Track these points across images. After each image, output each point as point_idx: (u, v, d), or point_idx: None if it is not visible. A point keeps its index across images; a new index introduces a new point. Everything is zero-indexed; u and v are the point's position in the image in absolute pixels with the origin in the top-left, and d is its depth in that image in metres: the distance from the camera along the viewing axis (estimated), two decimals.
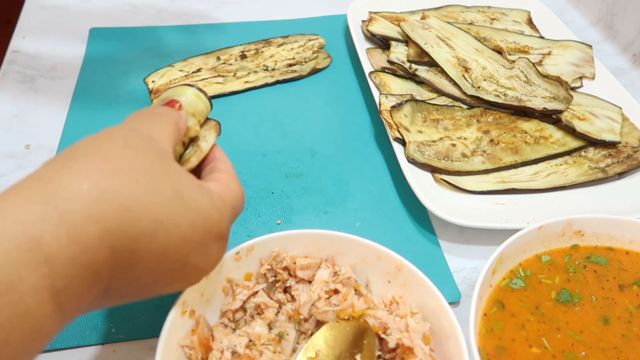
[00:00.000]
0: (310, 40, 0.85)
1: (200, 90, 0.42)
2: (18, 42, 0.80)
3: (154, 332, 0.48)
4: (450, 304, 0.52)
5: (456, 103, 0.72)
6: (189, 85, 0.43)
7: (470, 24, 0.87)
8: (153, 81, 0.75)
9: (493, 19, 0.89)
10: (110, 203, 0.30)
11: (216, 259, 0.37)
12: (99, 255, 0.29)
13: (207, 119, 0.44)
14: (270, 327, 0.44)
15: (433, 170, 0.63)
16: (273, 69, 0.79)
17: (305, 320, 0.44)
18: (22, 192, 0.29)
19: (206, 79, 0.76)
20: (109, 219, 0.30)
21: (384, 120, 0.67)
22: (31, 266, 0.27)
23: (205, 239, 0.35)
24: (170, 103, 0.41)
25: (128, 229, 0.30)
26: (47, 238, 0.27)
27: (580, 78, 0.78)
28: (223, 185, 0.38)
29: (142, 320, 0.49)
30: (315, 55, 0.82)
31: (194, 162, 0.40)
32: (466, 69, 0.74)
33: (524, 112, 0.70)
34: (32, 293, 0.27)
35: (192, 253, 0.34)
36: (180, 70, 0.77)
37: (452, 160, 0.64)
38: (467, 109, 0.71)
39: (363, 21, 0.86)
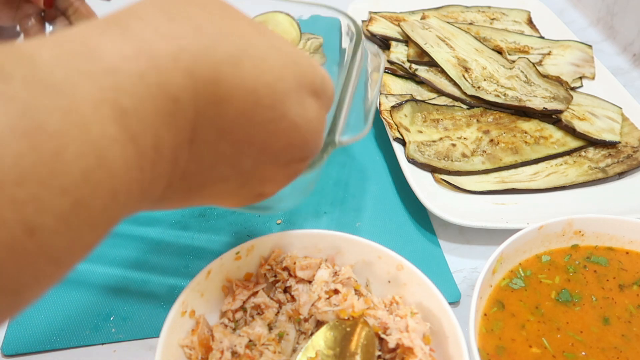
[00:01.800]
0: (309, 39, 0.84)
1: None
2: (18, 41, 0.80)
3: (154, 332, 0.48)
4: (450, 304, 0.52)
5: (456, 103, 0.72)
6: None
7: (470, 24, 0.87)
8: None
9: (493, 19, 0.89)
10: (180, 24, 0.25)
11: (314, 120, 0.31)
12: (174, 77, 0.24)
13: None
14: (270, 327, 0.44)
15: (433, 170, 0.63)
16: None
17: (305, 320, 0.44)
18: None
19: None
20: (182, 39, 0.24)
21: (384, 120, 0.67)
22: (86, 73, 0.21)
23: (300, 86, 0.30)
24: None
25: (206, 50, 0.25)
26: (106, 47, 0.22)
27: (580, 78, 0.78)
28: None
29: (142, 320, 0.49)
30: (312, 55, 0.82)
31: None
32: (466, 69, 0.74)
33: (524, 112, 0.70)
34: (90, 103, 0.21)
35: (287, 98, 0.29)
36: None
37: (452, 160, 0.64)
38: (467, 109, 0.71)
39: (363, 21, 0.86)
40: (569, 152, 0.67)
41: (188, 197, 0.30)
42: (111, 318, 0.49)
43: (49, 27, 0.51)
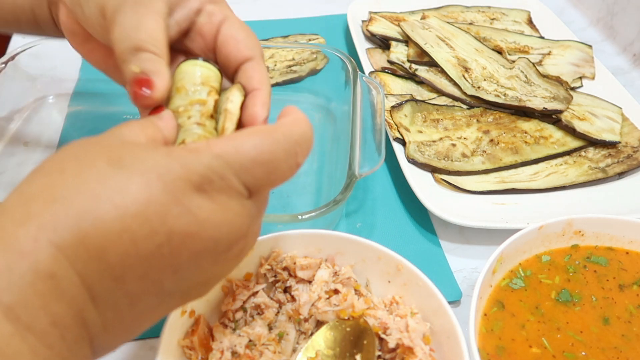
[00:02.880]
0: (310, 40, 0.84)
1: (204, 59, 0.37)
2: (18, 41, 0.80)
3: (154, 332, 0.48)
4: (452, 302, 0.52)
5: (456, 103, 0.72)
6: (188, 59, 0.37)
7: (470, 24, 0.87)
8: None
9: (493, 19, 0.89)
10: (34, 200, 0.26)
11: (214, 215, 0.29)
12: (41, 256, 0.25)
13: (228, 87, 0.39)
14: (270, 327, 0.44)
15: (433, 170, 0.63)
16: (272, 70, 0.78)
17: (305, 320, 0.44)
18: None
19: None
20: (36, 216, 0.26)
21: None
22: None
23: (175, 196, 0.28)
24: (152, 112, 0.35)
25: (61, 217, 0.26)
26: None
27: (580, 78, 0.78)
28: (218, 140, 0.30)
29: None
30: (314, 56, 0.82)
31: (229, 127, 0.35)
32: (466, 69, 0.74)
33: (524, 112, 0.70)
34: None
35: (166, 216, 0.27)
36: None
37: (452, 160, 0.64)
38: (467, 109, 0.71)
39: (363, 21, 0.86)
40: (569, 152, 0.67)
41: (130, 331, 0.30)
42: None
43: None
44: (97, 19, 0.38)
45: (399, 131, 0.66)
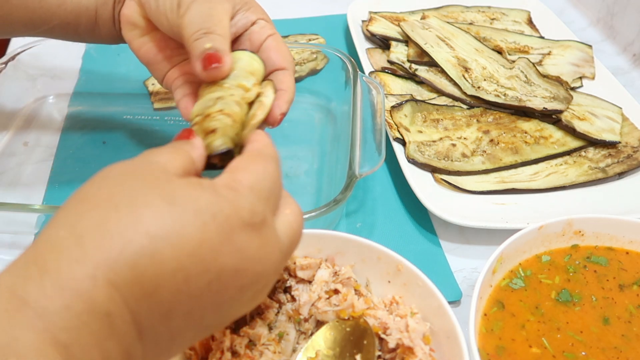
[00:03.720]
0: (310, 40, 0.84)
1: (253, 52, 0.44)
2: (18, 41, 0.80)
3: None
4: (452, 302, 0.52)
5: (456, 103, 0.72)
6: (242, 50, 0.44)
7: (470, 24, 0.87)
8: (153, 84, 0.75)
9: (493, 19, 0.89)
10: (89, 238, 0.27)
11: (258, 252, 0.31)
12: (98, 295, 0.26)
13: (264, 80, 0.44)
14: (270, 327, 0.44)
15: (433, 170, 0.63)
16: None
17: (305, 320, 0.44)
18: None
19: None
20: (93, 255, 0.26)
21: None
22: (21, 323, 0.24)
23: (228, 234, 0.29)
24: (182, 135, 0.36)
25: (117, 255, 0.26)
26: (31, 291, 0.25)
27: (580, 78, 0.78)
28: (235, 171, 0.33)
29: None
30: (314, 56, 0.82)
31: (259, 115, 0.40)
32: (466, 69, 0.74)
33: (524, 112, 0.70)
34: (34, 351, 0.24)
35: (218, 254, 0.29)
36: None
37: (452, 160, 0.64)
38: (467, 109, 0.71)
39: (363, 21, 0.86)
40: (569, 152, 0.67)
41: (162, 358, 0.31)
42: None
43: None
44: (171, 9, 0.44)
45: (399, 131, 0.66)
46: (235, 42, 0.47)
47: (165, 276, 0.27)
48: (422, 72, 0.75)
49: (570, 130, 0.68)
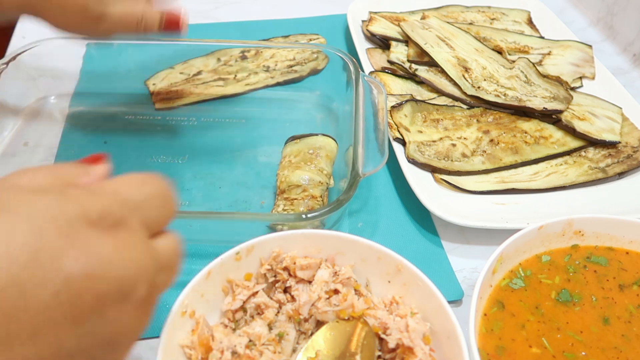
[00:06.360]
0: (310, 40, 0.85)
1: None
2: (18, 42, 0.80)
3: (154, 332, 0.48)
4: (453, 302, 0.52)
5: (456, 103, 0.72)
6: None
7: (470, 24, 0.87)
8: (154, 84, 0.75)
9: (493, 19, 0.89)
10: None
11: (115, 253, 0.27)
12: None
13: None
14: (270, 327, 0.44)
15: (433, 170, 0.63)
16: (273, 70, 0.79)
17: (305, 320, 0.44)
18: None
19: (207, 82, 0.76)
20: None
21: None
22: None
23: (69, 236, 0.26)
24: (88, 159, 0.32)
25: None
26: None
27: (580, 78, 0.78)
28: (111, 180, 0.30)
29: None
30: (315, 55, 0.82)
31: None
32: (466, 69, 0.74)
33: (524, 112, 0.70)
34: None
35: (63, 260, 0.25)
36: (181, 73, 0.77)
37: (452, 160, 0.64)
38: (467, 109, 0.71)
39: (363, 21, 0.86)
40: (569, 152, 0.67)
41: None
42: None
43: None
44: None
45: (399, 131, 0.66)
46: None
47: None
48: (422, 72, 0.75)
49: (570, 130, 0.68)
